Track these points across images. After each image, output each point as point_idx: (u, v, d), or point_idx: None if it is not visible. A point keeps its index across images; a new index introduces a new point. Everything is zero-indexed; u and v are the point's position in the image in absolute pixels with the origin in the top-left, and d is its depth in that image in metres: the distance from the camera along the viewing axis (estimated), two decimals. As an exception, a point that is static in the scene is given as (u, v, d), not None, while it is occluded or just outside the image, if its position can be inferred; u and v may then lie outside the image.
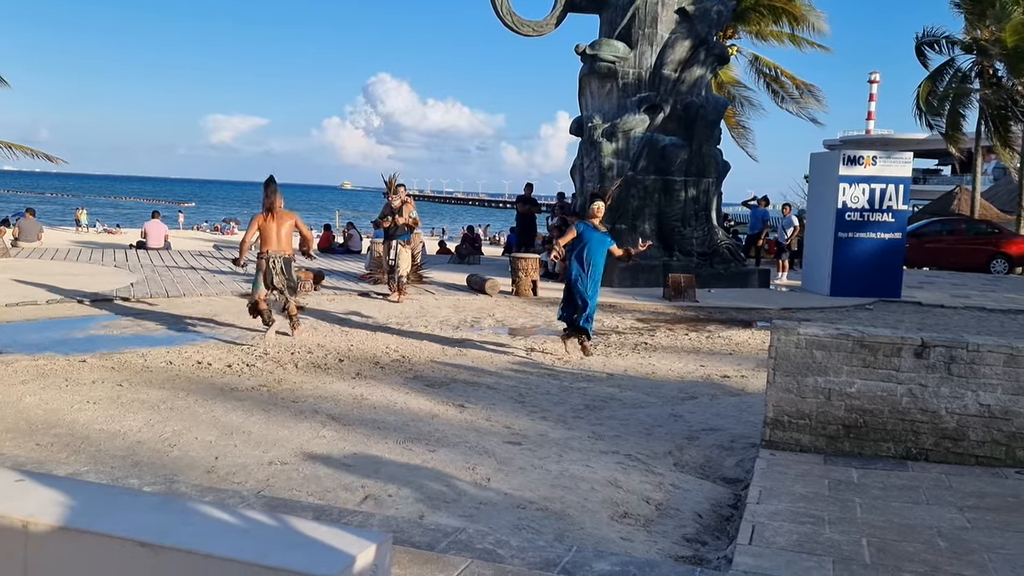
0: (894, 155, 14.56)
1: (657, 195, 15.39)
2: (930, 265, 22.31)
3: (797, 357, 5.17)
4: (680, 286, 13.13)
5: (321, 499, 4.29)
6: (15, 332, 8.78)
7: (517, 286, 13.11)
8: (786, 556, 3.52)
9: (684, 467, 5.23)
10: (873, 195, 14.09)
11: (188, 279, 13.43)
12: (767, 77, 26.76)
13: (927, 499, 4.36)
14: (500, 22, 15.70)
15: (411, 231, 12.47)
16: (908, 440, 5.06)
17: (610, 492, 4.61)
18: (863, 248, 14.18)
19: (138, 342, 8.43)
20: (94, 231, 31.61)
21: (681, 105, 15.43)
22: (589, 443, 5.55)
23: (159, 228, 21.08)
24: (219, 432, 5.44)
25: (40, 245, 19.79)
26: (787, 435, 5.19)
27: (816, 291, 14.69)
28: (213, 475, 4.66)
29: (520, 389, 7.03)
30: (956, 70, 27.75)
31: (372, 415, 6.02)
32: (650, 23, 15.42)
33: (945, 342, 5.04)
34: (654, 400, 6.88)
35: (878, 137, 64.64)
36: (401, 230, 12.14)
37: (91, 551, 2.13)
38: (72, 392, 6.33)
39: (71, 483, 2.61)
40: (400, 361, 7.96)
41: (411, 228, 12.41)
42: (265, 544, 2.09)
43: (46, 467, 4.45)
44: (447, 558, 3.36)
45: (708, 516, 4.41)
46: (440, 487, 4.53)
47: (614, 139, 15.16)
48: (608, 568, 3.33)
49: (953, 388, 4.99)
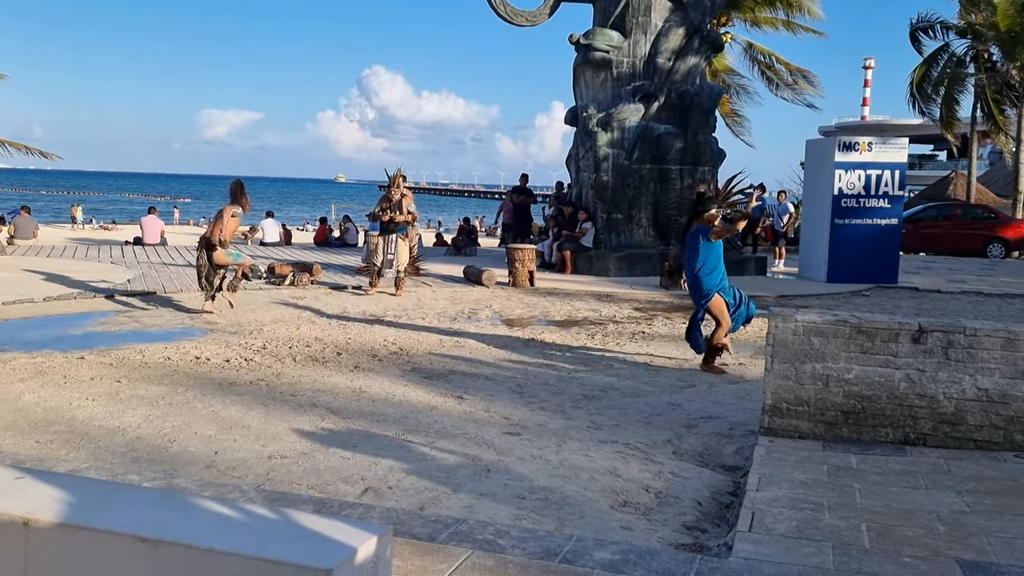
0: (890, 141, 14.55)
1: (653, 184, 15.38)
2: (927, 250, 22.34)
3: (795, 344, 5.18)
4: (672, 268, 13.10)
5: (321, 492, 4.30)
6: (12, 330, 8.76)
7: (514, 277, 13.10)
8: (786, 542, 3.53)
9: (683, 455, 5.24)
10: (869, 181, 14.09)
11: (185, 275, 13.40)
12: (762, 64, 26.72)
13: (926, 484, 4.38)
14: (494, 12, 15.65)
15: (408, 225, 12.41)
16: (906, 425, 5.07)
17: (610, 481, 4.62)
18: (859, 234, 14.19)
19: (136, 338, 8.41)
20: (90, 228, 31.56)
21: (676, 94, 15.41)
22: (588, 432, 5.55)
23: (155, 224, 21.04)
24: (218, 427, 5.44)
25: (36, 243, 19.74)
26: (786, 422, 5.20)
27: (813, 278, 14.71)
28: (213, 470, 4.66)
29: (518, 380, 7.03)
30: (951, 55, 27.75)
31: (371, 408, 6.02)
32: (644, 11, 15.38)
33: (942, 327, 5.05)
34: (652, 389, 6.89)
35: (873, 123, 64.60)
36: (400, 224, 12.06)
37: (91, 547, 2.13)
38: (71, 389, 6.32)
39: (71, 480, 2.61)
40: (398, 353, 7.96)
41: (409, 223, 12.35)
42: (266, 538, 2.09)
43: (46, 464, 4.45)
44: (448, 549, 3.37)
45: (708, 504, 4.42)
46: (440, 478, 4.54)
47: (609, 129, 15.14)
48: (608, 556, 3.34)
49: (951, 373, 5.00)
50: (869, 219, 14.19)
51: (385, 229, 12.06)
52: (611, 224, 15.25)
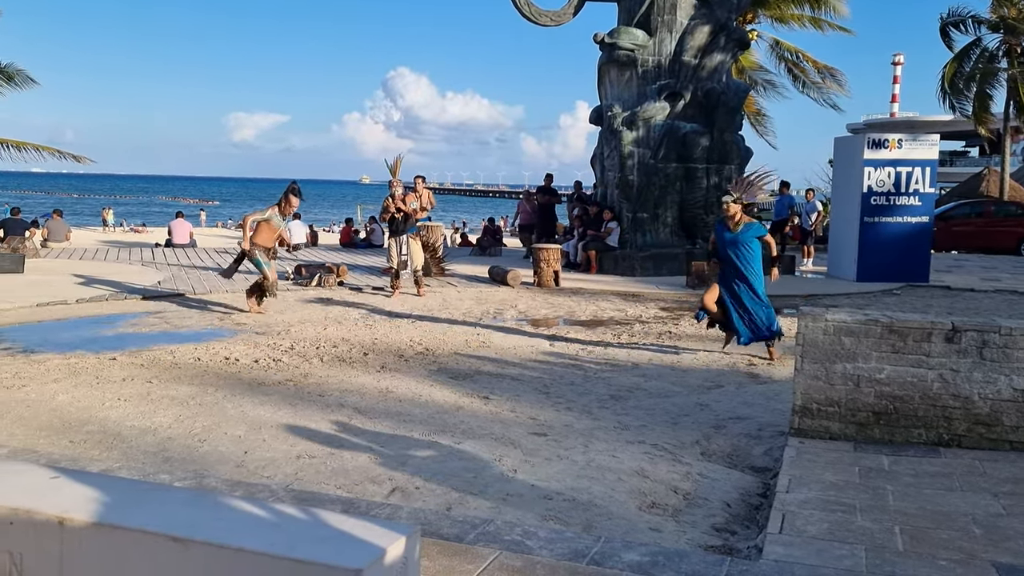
0: (920, 137, 14.34)
1: (679, 183, 15.28)
2: (959, 248, 21.98)
3: (825, 344, 5.11)
4: (703, 274, 13.04)
5: (349, 492, 4.31)
6: (46, 331, 8.91)
7: (539, 277, 13.09)
8: (817, 545, 3.49)
9: (712, 456, 5.20)
10: (899, 178, 13.90)
11: (214, 276, 13.55)
12: (788, 62, 26.42)
13: (960, 485, 4.30)
14: (518, 12, 15.64)
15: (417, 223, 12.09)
16: (940, 426, 4.99)
17: (637, 482, 4.59)
18: (890, 232, 14.00)
19: (166, 339, 8.52)
20: (120, 230, 32.01)
21: (702, 92, 15.30)
22: (615, 433, 5.53)
23: (183, 226, 21.32)
24: (247, 427, 5.49)
25: (68, 245, 20.07)
26: (816, 423, 5.14)
27: (842, 277, 14.53)
28: (242, 469, 4.70)
29: (544, 380, 7.02)
30: (983, 50, 27.26)
31: (398, 408, 6.04)
32: (669, 10, 15.29)
33: (977, 326, 4.96)
34: (680, 389, 6.84)
35: (903, 120, 63.73)
36: (409, 223, 11.76)
37: (124, 546, 2.15)
38: (103, 390, 6.41)
39: (104, 479, 2.64)
40: (424, 354, 7.98)
41: (421, 217, 12.13)
42: (295, 538, 2.10)
43: (79, 464, 4.51)
44: (476, 550, 3.37)
45: (737, 505, 4.38)
46: (467, 479, 4.54)
47: (634, 127, 15.06)
48: (637, 558, 3.32)
49: (986, 373, 4.91)
50: (899, 217, 14.00)
51: (394, 230, 11.82)
52: (637, 223, 15.18)
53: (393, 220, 11.75)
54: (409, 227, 11.80)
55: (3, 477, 2.50)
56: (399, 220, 11.71)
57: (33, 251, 16.28)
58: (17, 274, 12.98)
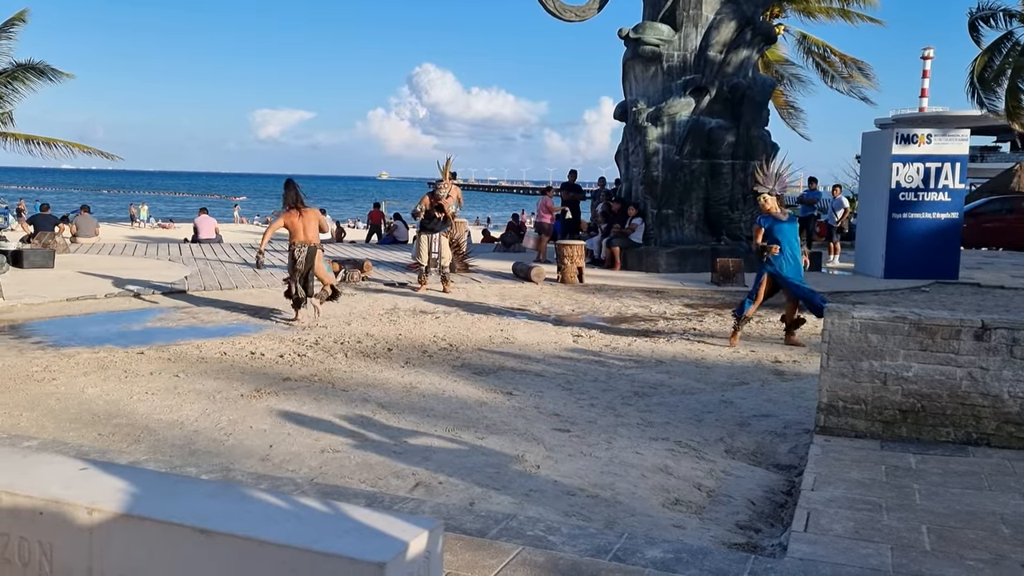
0: (949, 133, 14.12)
1: (704, 179, 15.19)
2: (989, 245, 21.64)
3: (852, 341, 5.06)
4: (728, 271, 12.96)
5: (373, 486, 4.34)
6: (76, 326, 9.04)
7: (563, 273, 13.07)
8: (843, 543, 3.46)
9: (736, 454, 5.16)
10: (928, 174, 13.69)
11: (240, 272, 13.67)
12: (816, 56, 26.15)
13: (989, 485, 4.24)
14: (543, 8, 15.61)
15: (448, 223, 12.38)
16: (968, 425, 4.92)
17: (661, 479, 4.58)
18: (918, 229, 13.81)
19: (193, 334, 8.61)
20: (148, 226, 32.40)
21: (727, 87, 15.18)
22: (638, 430, 5.51)
23: (209, 222, 21.55)
24: (272, 421, 5.54)
25: (97, 241, 20.35)
26: (842, 420, 5.09)
27: (870, 274, 14.36)
28: (268, 463, 4.74)
29: (568, 376, 7.01)
30: (1014, 43, 26.78)
31: (421, 403, 6.07)
32: (695, 4, 15.18)
33: (1007, 324, 4.88)
34: (704, 386, 6.81)
35: (932, 115, 62.83)
36: (448, 223, 12.11)
37: (152, 537, 2.18)
38: (131, 383, 6.50)
39: (132, 471, 2.68)
40: (448, 349, 8.00)
41: (452, 217, 12.35)
42: (320, 531, 2.11)
43: (108, 456, 4.58)
44: (498, 544, 3.37)
45: (761, 503, 4.35)
46: (490, 474, 4.55)
47: (659, 123, 14.98)
48: (660, 555, 3.31)
49: (1016, 371, 4.84)
50: (928, 213, 13.80)
51: (428, 228, 12.02)
52: (661, 220, 15.10)
53: (432, 218, 11.93)
54: (444, 226, 12.02)
55: (33, 468, 2.55)
56: (438, 219, 11.92)
57: (63, 247, 16.52)
58: (47, 269, 13.20)
